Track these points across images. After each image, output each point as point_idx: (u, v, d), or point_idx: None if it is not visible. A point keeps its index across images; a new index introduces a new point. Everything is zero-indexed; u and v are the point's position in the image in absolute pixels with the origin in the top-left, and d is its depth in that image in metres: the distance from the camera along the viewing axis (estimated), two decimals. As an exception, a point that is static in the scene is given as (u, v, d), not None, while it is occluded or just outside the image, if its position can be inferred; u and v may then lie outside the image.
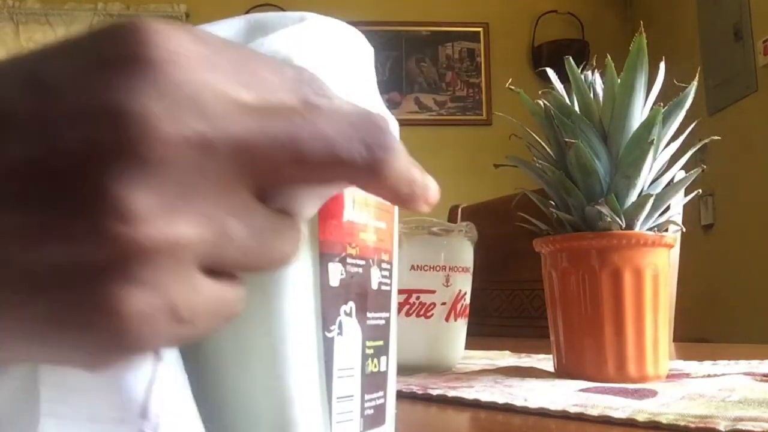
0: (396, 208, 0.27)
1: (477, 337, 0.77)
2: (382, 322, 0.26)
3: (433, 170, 0.28)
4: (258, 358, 0.22)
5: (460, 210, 1.34)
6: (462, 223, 0.60)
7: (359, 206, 0.24)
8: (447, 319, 0.56)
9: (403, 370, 0.55)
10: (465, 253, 0.59)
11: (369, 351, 0.25)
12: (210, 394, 0.22)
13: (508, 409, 0.39)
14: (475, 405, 0.40)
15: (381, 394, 0.25)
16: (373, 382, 0.25)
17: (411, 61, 3.02)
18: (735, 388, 0.41)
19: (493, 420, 0.37)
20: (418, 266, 0.56)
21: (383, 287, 0.26)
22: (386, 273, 0.26)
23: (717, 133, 0.50)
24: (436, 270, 0.56)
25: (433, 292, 0.56)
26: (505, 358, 0.66)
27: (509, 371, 0.53)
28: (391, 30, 3.01)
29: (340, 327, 0.23)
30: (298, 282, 0.22)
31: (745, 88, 2.27)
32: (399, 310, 0.55)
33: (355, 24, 0.28)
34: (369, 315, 0.25)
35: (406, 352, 0.56)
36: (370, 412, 0.24)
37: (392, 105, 2.95)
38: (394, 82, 2.99)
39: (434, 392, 0.43)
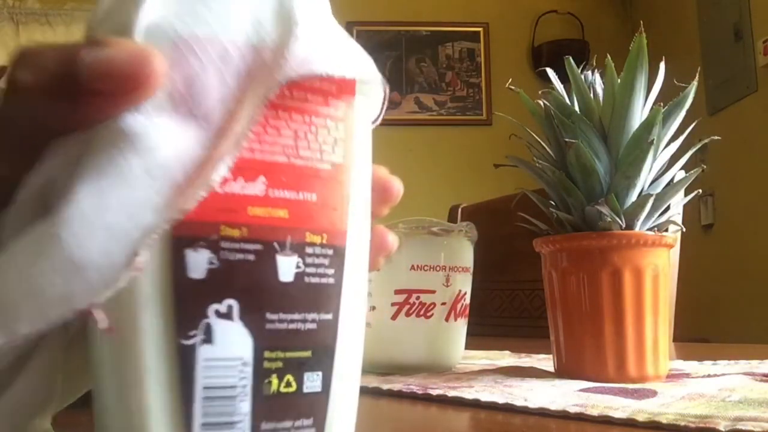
0: (362, 176, 0.22)
1: (477, 337, 0.77)
2: (310, 326, 0.20)
3: (433, 170, 0.28)
4: (105, 368, 0.19)
5: (460, 210, 1.34)
6: (462, 223, 0.60)
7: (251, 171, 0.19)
8: (447, 319, 0.56)
9: (403, 370, 0.55)
10: (465, 253, 0.59)
11: (271, 364, 0.19)
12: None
13: (508, 409, 0.39)
14: (475, 405, 0.40)
15: (306, 422, 0.20)
16: (281, 405, 0.19)
17: (411, 61, 3.02)
18: (735, 388, 0.41)
19: (493, 420, 0.37)
20: (418, 266, 0.56)
21: (310, 279, 0.20)
22: (321, 261, 0.20)
23: (717, 133, 0.50)
24: (436, 270, 0.56)
25: (433, 292, 0.56)
26: (505, 358, 0.66)
27: (509, 371, 0.53)
28: (391, 30, 3.01)
29: (207, 332, 0.18)
30: (139, 277, 0.17)
31: (745, 88, 2.27)
32: (399, 310, 0.55)
33: (355, 24, 0.28)
34: (271, 316, 0.19)
35: (406, 352, 0.56)
36: None
37: (392, 105, 2.94)
38: (394, 82, 2.99)
39: (434, 392, 0.43)
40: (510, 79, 0.58)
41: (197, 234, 0.18)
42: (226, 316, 0.18)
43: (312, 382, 0.20)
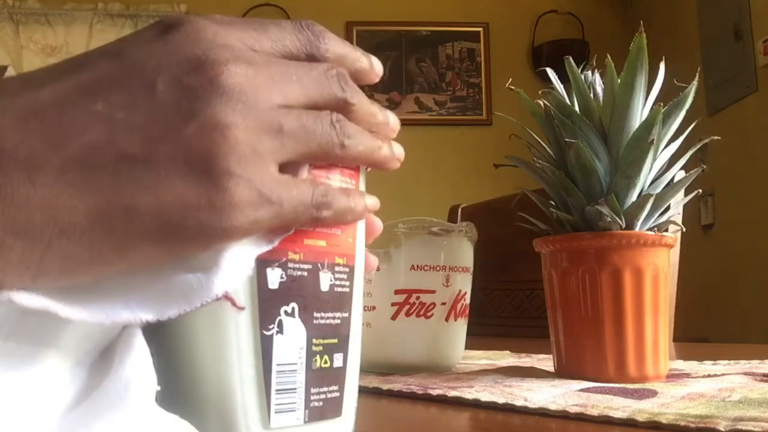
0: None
1: (477, 337, 0.77)
2: (337, 321, 0.28)
3: (433, 170, 0.28)
4: (203, 351, 0.26)
5: (460, 210, 1.34)
6: (462, 223, 0.60)
7: None
8: (447, 319, 0.56)
9: (403, 370, 0.55)
10: (465, 253, 0.59)
11: (316, 348, 0.27)
12: (167, 378, 0.25)
13: (508, 409, 0.39)
14: (475, 405, 0.40)
15: (335, 388, 0.28)
16: (321, 377, 0.27)
17: (411, 61, 3.02)
18: (735, 388, 0.41)
19: (493, 420, 0.37)
20: (418, 266, 0.56)
21: (337, 289, 0.28)
22: (342, 276, 0.28)
23: (717, 133, 0.50)
24: (436, 270, 0.56)
25: (433, 292, 0.56)
26: (505, 358, 0.66)
27: (509, 371, 0.53)
28: (391, 30, 3.01)
29: (279, 326, 0.26)
30: (237, 288, 0.25)
31: (745, 88, 2.27)
32: (399, 310, 0.55)
33: (355, 24, 0.29)
34: (316, 315, 0.27)
35: (406, 352, 0.56)
36: (318, 404, 0.27)
37: (392, 105, 2.95)
38: (394, 82, 2.99)
39: (434, 392, 0.43)
40: (510, 79, 0.58)
41: (273, 257, 0.26)
42: (291, 314, 0.26)
43: (338, 360, 0.28)
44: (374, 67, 0.28)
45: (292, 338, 0.26)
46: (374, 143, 0.27)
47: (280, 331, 0.26)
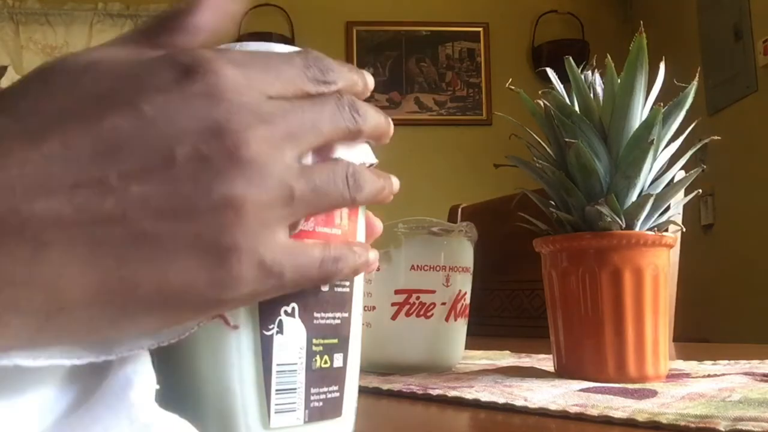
0: (362, 217, 0.30)
1: (477, 337, 0.77)
2: (337, 321, 0.28)
3: (433, 170, 0.28)
4: (203, 351, 0.26)
5: (460, 210, 1.34)
6: (462, 223, 0.60)
7: None
8: (447, 319, 0.56)
9: (403, 370, 0.55)
10: (465, 253, 0.59)
11: (317, 348, 0.27)
12: (167, 378, 0.25)
13: (508, 409, 0.39)
14: (475, 405, 0.40)
15: (334, 388, 0.28)
16: (321, 377, 0.27)
17: (411, 61, 3.02)
18: (735, 388, 0.41)
19: (493, 420, 0.37)
20: (418, 266, 0.56)
21: (337, 289, 0.28)
22: None
23: (717, 133, 0.50)
24: (436, 270, 0.56)
25: (433, 292, 0.56)
26: (505, 358, 0.66)
27: (509, 371, 0.53)
28: (391, 30, 3.01)
29: (279, 326, 0.26)
30: None
31: (745, 88, 2.27)
32: (399, 310, 0.55)
33: (355, 24, 0.29)
34: (316, 315, 0.27)
35: (406, 352, 0.56)
36: (318, 404, 0.27)
37: (392, 105, 2.95)
38: (394, 82, 2.99)
39: (434, 392, 0.43)
40: (510, 79, 0.58)
41: None
42: (291, 314, 0.26)
43: (338, 360, 0.28)
44: (368, 86, 0.29)
45: (292, 338, 0.26)
46: (379, 186, 0.28)
47: (280, 331, 0.26)
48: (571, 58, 0.49)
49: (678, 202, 0.51)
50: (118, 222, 0.21)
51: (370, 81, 0.29)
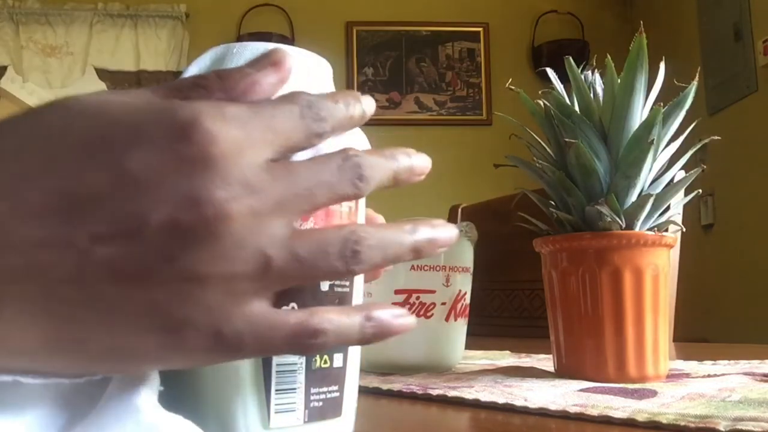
0: (362, 217, 0.29)
1: (477, 337, 0.77)
2: None
3: (433, 170, 0.28)
4: None
5: (460, 210, 1.34)
6: (462, 223, 0.60)
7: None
8: (447, 319, 0.56)
9: (403, 370, 0.55)
10: (465, 253, 0.59)
11: None
12: (167, 378, 0.25)
13: (508, 409, 0.39)
14: (475, 405, 0.40)
15: (334, 388, 0.28)
16: (321, 377, 0.27)
17: (411, 61, 3.02)
18: (735, 388, 0.41)
19: (493, 420, 0.37)
20: (418, 266, 0.56)
21: (337, 289, 0.28)
22: None
23: (717, 133, 0.50)
24: (436, 270, 0.56)
25: (433, 292, 0.56)
26: (505, 358, 0.66)
27: (509, 371, 0.53)
28: (391, 30, 3.01)
29: None
30: None
31: (745, 88, 2.27)
32: (399, 310, 0.55)
33: (355, 24, 0.28)
34: None
35: (406, 352, 0.56)
36: (317, 404, 0.27)
37: (392, 105, 2.95)
38: (394, 82, 2.99)
39: (434, 392, 0.43)
40: (510, 79, 0.58)
41: None
42: None
43: (338, 360, 0.28)
44: (366, 113, 0.27)
45: None
46: (404, 246, 0.25)
47: None
48: (571, 58, 0.49)
49: (678, 202, 0.51)
50: (75, 282, 0.20)
51: (368, 108, 0.26)
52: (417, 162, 0.27)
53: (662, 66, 0.51)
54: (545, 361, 0.60)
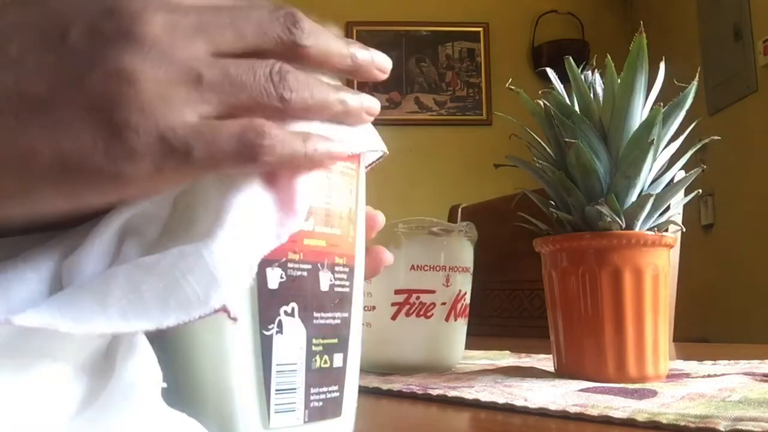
0: (361, 216, 0.29)
1: (477, 337, 0.77)
2: (336, 321, 0.28)
3: (433, 170, 0.28)
4: (202, 351, 0.26)
5: (460, 210, 1.34)
6: (462, 223, 0.60)
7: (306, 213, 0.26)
8: (447, 319, 0.56)
9: (403, 370, 0.55)
10: (465, 253, 0.59)
11: (316, 348, 0.27)
12: (167, 378, 0.25)
13: (508, 409, 0.39)
14: (475, 405, 0.40)
15: (334, 388, 0.28)
16: (321, 376, 0.27)
17: (411, 61, 3.02)
18: (735, 388, 0.41)
19: (493, 420, 0.37)
20: (418, 266, 0.56)
21: (337, 289, 0.28)
22: (342, 276, 0.28)
23: (717, 133, 0.50)
24: (436, 270, 0.56)
25: (433, 292, 0.56)
26: (505, 358, 0.66)
27: (509, 371, 0.53)
28: (391, 30, 3.01)
29: (279, 326, 0.26)
30: None
31: (745, 88, 2.27)
32: (399, 310, 0.55)
33: (355, 24, 0.28)
34: (316, 315, 0.27)
35: (406, 352, 0.56)
36: (317, 404, 0.27)
37: (392, 105, 2.95)
38: (394, 82, 2.99)
39: (434, 392, 0.43)
40: (510, 79, 0.58)
41: (273, 257, 0.25)
42: (291, 314, 0.26)
43: (338, 360, 0.28)
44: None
45: (291, 338, 0.26)
46: (331, 96, 0.25)
47: (280, 331, 0.26)
48: (571, 58, 0.49)
49: (678, 202, 0.51)
50: (12, 90, 0.22)
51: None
52: (375, 53, 0.27)
53: (662, 66, 0.51)
54: (545, 361, 0.60)
